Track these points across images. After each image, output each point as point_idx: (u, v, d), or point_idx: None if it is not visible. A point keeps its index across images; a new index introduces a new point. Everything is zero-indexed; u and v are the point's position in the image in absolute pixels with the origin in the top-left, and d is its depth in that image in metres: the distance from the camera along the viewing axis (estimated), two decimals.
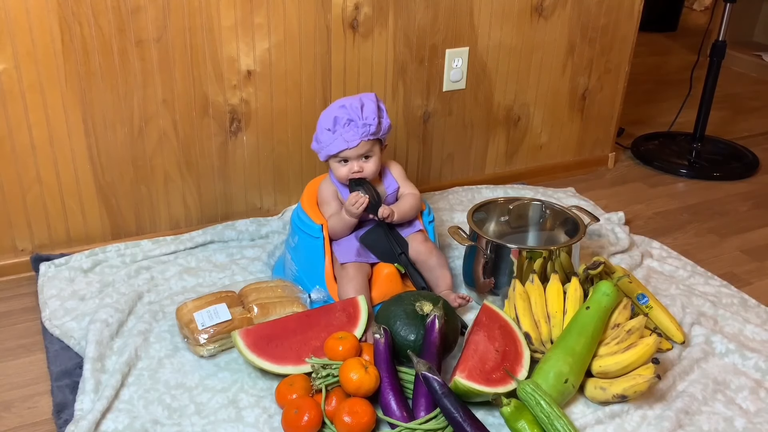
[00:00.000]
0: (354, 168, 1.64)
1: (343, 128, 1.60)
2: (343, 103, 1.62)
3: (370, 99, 1.63)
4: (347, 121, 1.60)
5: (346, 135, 1.60)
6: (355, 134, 1.60)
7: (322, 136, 1.63)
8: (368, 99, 1.63)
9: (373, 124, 1.61)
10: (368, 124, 1.61)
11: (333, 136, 1.61)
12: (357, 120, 1.60)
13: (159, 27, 1.72)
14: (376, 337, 1.38)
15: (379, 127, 1.63)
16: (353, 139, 1.60)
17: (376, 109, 1.62)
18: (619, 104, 2.45)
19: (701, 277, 1.84)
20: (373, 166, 1.65)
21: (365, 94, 1.65)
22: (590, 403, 1.40)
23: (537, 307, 1.52)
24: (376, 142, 1.65)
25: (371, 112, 1.61)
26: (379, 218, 1.62)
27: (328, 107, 1.65)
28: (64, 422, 1.33)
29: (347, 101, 1.62)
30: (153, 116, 1.81)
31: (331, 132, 1.61)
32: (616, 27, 2.31)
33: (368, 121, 1.61)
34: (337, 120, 1.60)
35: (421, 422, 1.28)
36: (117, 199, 1.86)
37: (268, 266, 1.83)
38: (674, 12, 4.30)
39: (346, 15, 1.91)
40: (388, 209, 1.63)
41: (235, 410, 1.37)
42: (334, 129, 1.61)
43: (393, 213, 1.64)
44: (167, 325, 1.58)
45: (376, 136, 1.63)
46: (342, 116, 1.60)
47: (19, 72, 1.64)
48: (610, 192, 2.36)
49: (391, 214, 1.63)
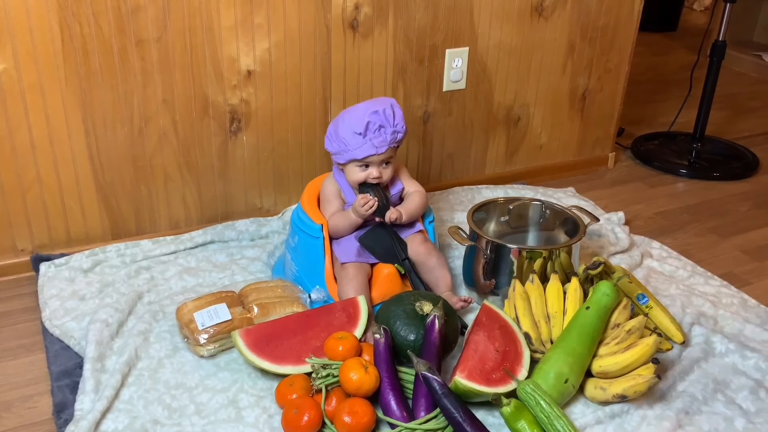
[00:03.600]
0: (374, 174, 1.62)
1: (374, 134, 1.58)
2: (375, 108, 1.59)
3: (398, 106, 1.62)
4: (379, 127, 1.58)
5: (376, 141, 1.59)
6: (384, 141, 1.59)
7: (350, 140, 1.59)
8: (396, 106, 1.62)
9: (401, 132, 1.61)
10: (397, 132, 1.60)
11: (363, 140, 1.59)
12: (388, 127, 1.59)
13: (159, 27, 1.72)
14: (376, 337, 1.38)
15: (404, 135, 1.63)
16: (382, 146, 1.59)
17: (402, 115, 1.62)
18: (619, 104, 2.45)
19: (701, 277, 1.84)
20: (390, 172, 1.65)
21: (390, 99, 1.63)
22: (590, 403, 1.40)
23: (537, 307, 1.52)
24: (395, 148, 1.65)
25: (401, 119, 1.61)
26: (387, 222, 1.62)
27: (354, 109, 1.63)
28: (64, 422, 1.33)
29: (378, 106, 1.60)
30: (153, 116, 1.81)
31: (361, 136, 1.59)
32: (616, 27, 2.30)
33: (398, 129, 1.60)
34: (370, 125, 1.58)
35: (421, 422, 1.28)
36: (117, 199, 1.86)
37: (268, 266, 1.83)
38: (674, 12, 4.30)
39: (346, 15, 1.91)
40: (396, 212, 1.62)
41: (235, 410, 1.37)
42: (365, 134, 1.58)
43: (401, 215, 1.63)
44: (167, 325, 1.58)
45: (400, 144, 1.63)
46: (375, 121, 1.58)
47: (19, 72, 1.64)
48: (610, 192, 2.36)
49: (399, 216, 1.63)
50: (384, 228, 1.64)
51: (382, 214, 1.62)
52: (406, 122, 1.64)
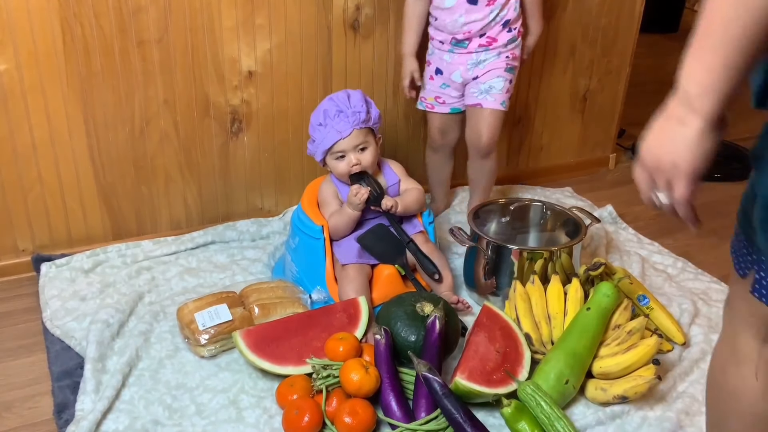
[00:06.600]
0: (352, 161, 1.64)
1: (333, 120, 1.62)
2: (329, 97, 1.65)
3: (356, 91, 1.66)
4: (336, 112, 1.62)
5: (338, 126, 1.62)
6: (347, 123, 1.61)
7: (315, 134, 1.65)
8: (353, 92, 1.66)
9: (362, 111, 1.63)
10: (357, 112, 1.62)
11: (325, 129, 1.62)
12: (346, 110, 1.62)
13: (160, 28, 1.72)
14: (377, 337, 1.38)
15: (369, 115, 1.64)
16: (345, 129, 1.61)
17: (362, 98, 1.64)
18: (619, 105, 2.45)
19: (691, 273, 1.86)
20: (370, 157, 1.66)
21: (349, 90, 1.68)
22: (591, 404, 1.40)
23: (538, 308, 1.52)
24: (369, 132, 1.65)
25: (358, 101, 1.63)
26: (382, 210, 1.63)
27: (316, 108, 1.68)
28: (64, 422, 1.33)
29: (333, 95, 1.65)
30: (154, 117, 1.81)
31: (322, 126, 1.63)
32: (617, 28, 2.30)
33: (357, 109, 1.62)
34: (327, 113, 1.62)
35: (421, 423, 1.28)
36: (118, 200, 1.86)
37: (268, 267, 1.83)
38: (675, 13, 4.30)
39: (347, 16, 1.91)
40: (392, 200, 1.64)
41: (236, 411, 1.37)
42: (325, 122, 1.62)
43: (397, 204, 1.65)
44: (168, 326, 1.58)
45: (367, 124, 1.64)
46: (330, 108, 1.62)
47: (20, 72, 1.64)
48: (611, 193, 2.36)
49: (394, 204, 1.64)
50: (383, 219, 1.65)
51: (377, 203, 1.63)
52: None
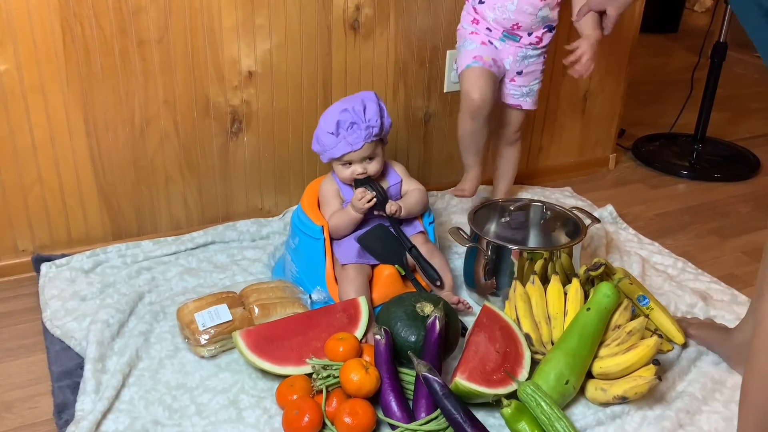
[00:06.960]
0: (357, 170, 1.63)
1: (347, 131, 1.59)
2: (345, 107, 1.60)
3: (371, 99, 1.62)
4: (350, 124, 1.59)
5: (350, 138, 1.60)
6: (359, 137, 1.59)
7: (325, 140, 1.62)
8: (369, 100, 1.62)
9: (376, 126, 1.61)
10: (371, 126, 1.60)
11: (336, 139, 1.60)
12: (360, 123, 1.59)
13: (160, 28, 1.72)
14: (377, 338, 1.38)
15: (382, 127, 1.63)
16: (357, 142, 1.60)
17: (377, 109, 1.62)
18: (620, 105, 2.45)
19: (691, 273, 1.86)
20: (377, 166, 1.65)
21: (365, 94, 1.64)
22: (591, 404, 1.40)
23: (538, 309, 1.52)
24: (378, 142, 1.65)
25: (374, 113, 1.61)
26: (386, 214, 1.63)
27: (329, 109, 1.65)
28: (64, 423, 1.33)
29: (348, 104, 1.61)
30: (154, 117, 1.81)
31: (334, 135, 1.60)
32: (616, 28, 2.30)
33: (371, 123, 1.60)
34: (340, 124, 1.59)
35: (421, 423, 1.28)
36: (118, 200, 1.86)
37: (268, 267, 1.83)
38: (675, 13, 4.30)
39: (347, 16, 1.91)
40: (396, 205, 1.63)
41: (236, 411, 1.37)
42: (338, 132, 1.60)
43: (400, 208, 1.64)
44: (168, 326, 1.58)
45: (379, 137, 1.63)
46: (345, 120, 1.59)
47: (20, 73, 1.64)
48: (611, 193, 2.36)
49: (398, 209, 1.63)
50: (385, 221, 1.65)
51: (381, 207, 1.62)
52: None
